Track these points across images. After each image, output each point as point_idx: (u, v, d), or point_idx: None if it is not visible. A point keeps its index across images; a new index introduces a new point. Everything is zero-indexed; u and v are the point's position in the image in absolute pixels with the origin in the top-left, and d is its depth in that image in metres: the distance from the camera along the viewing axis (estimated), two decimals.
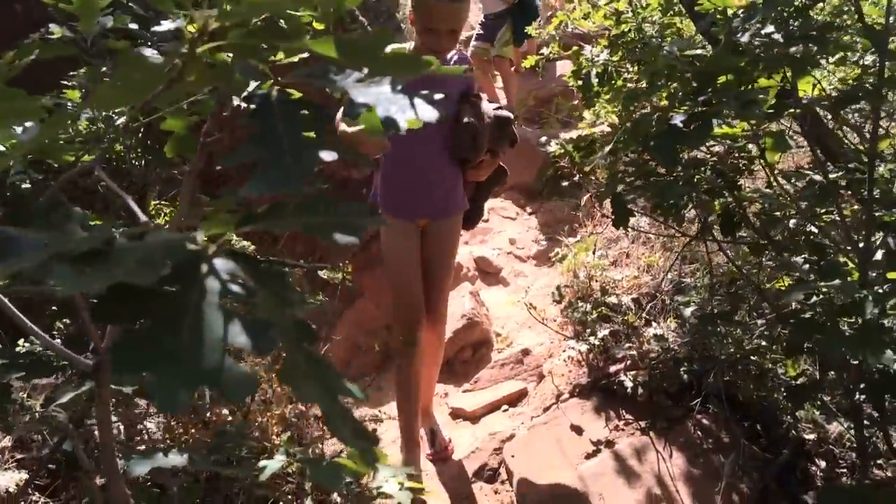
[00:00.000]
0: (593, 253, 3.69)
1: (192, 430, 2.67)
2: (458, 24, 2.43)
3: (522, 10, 6.55)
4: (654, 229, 3.85)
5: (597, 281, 3.65)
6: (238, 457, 1.63)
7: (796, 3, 1.92)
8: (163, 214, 2.54)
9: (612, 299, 3.49)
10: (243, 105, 0.67)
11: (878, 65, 1.68)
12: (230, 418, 2.55)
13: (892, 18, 1.69)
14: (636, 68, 2.46)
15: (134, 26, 1.32)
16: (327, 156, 0.59)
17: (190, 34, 0.51)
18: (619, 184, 2.03)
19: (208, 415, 2.60)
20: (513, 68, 6.76)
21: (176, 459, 1.30)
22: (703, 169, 2.15)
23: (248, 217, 0.51)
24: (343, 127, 2.38)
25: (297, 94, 0.61)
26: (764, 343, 2.90)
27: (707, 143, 2.29)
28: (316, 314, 3.40)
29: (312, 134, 0.60)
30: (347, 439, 0.46)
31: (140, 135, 2.68)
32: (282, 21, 0.69)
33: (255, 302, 0.43)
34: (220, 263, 0.45)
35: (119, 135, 2.47)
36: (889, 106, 1.82)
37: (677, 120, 1.53)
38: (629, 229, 4.04)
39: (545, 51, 5.01)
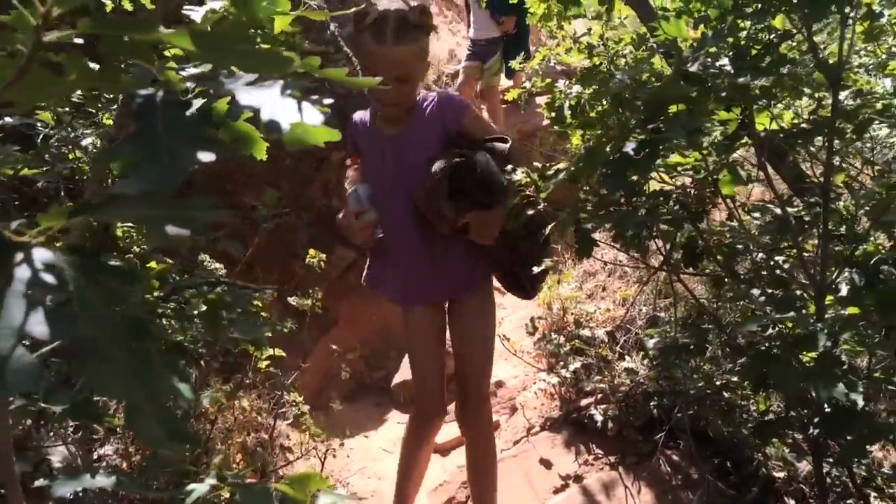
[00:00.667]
0: (557, 283, 3.68)
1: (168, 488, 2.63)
2: (410, 70, 2.05)
3: (516, 41, 6.44)
4: (630, 262, 3.85)
5: (571, 313, 3.64)
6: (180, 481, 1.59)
7: (764, 41, 1.94)
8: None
9: (586, 332, 3.48)
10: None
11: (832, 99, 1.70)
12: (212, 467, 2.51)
13: (845, 53, 1.71)
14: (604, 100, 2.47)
15: (79, 39, 1.31)
16: (205, 156, 0.58)
17: (33, 23, 0.51)
18: (580, 212, 2.02)
19: None
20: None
21: (103, 481, 1.27)
22: (665, 200, 2.15)
23: (82, 207, 0.50)
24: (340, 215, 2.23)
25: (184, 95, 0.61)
26: (735, 378, 2.89)
27: (671, 175, 2.30)
28: (288, 341, 3.36)
29: (194, 135, 0.59)
30: (158, 440, 0.45)
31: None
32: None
33: (71, 293, 0.42)
34: (40, 254, 0.44)
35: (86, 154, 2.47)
36: (843, 141, 1.83)
37: (629, 148, 1.53)
38: (605, 262, 4.05)
39: (527, 84, 5.06)
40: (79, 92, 2.11)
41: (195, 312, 1.99)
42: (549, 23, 3.78)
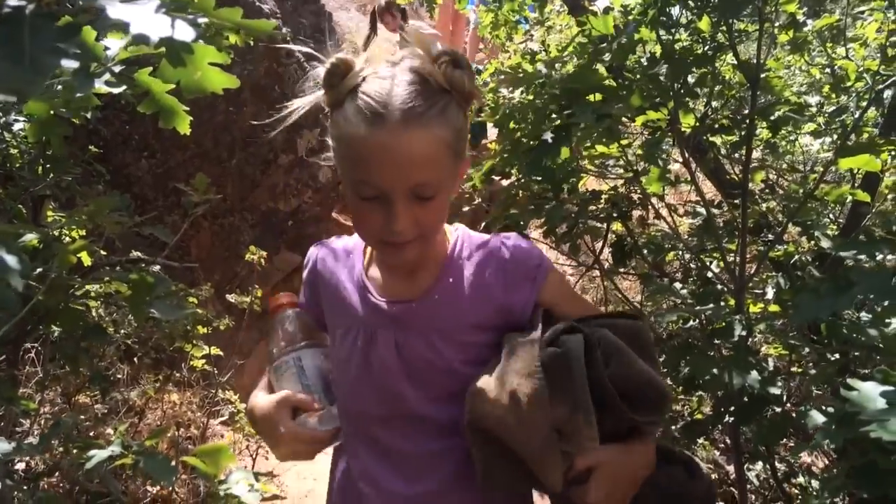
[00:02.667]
0: None
1: (76, 452, 2.57)
2: (434, 176, 1.02)
3: None
4: (571, 263, 3.89)
5: None
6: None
7: (696, 51, 2.00)
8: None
9: None
10: None
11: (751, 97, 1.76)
12: (113, 438, 2.46)
13: (763, 55, 1.78)
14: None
15: None
16: (69, 63, 0.59)
17: None
18: (510, 207, 2.05)
19: (91, 434, 2.50)
20: None
21: (2, 447, 1.24)
22: (597, 199, 2.20)
23: None
24: (260, 399, 1.20)
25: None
26: (668, 382, 2.93)
27: (604, 177, 2.35)
28: (228, 341, 3.32)
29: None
30: None
31: (42, 141, 2.63)
32: None
33: None
34: None
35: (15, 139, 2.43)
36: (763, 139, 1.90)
37: (547, 136, 1.57)
38: None
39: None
40: None
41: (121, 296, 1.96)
42: (497, 32, 3.84)
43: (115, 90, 1.31)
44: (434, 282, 1.16)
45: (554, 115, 1.53)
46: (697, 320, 1.89)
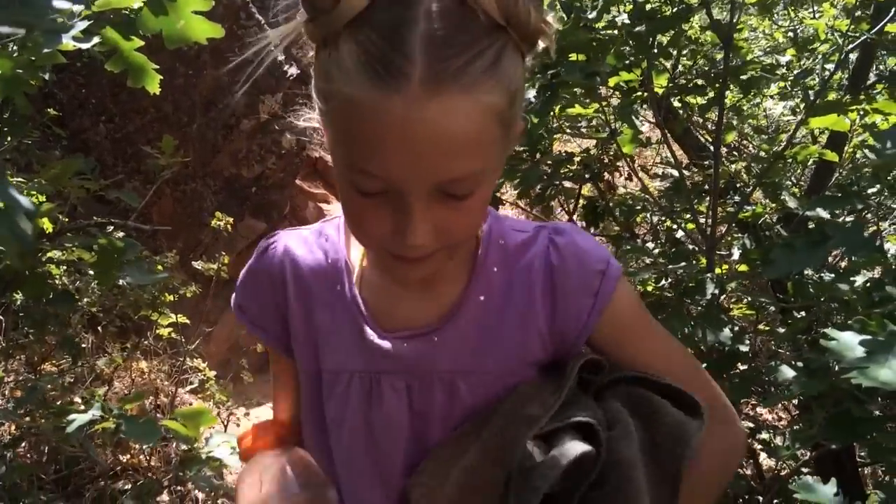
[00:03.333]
0: None
1: (42, 421, 2.53)
2: (475, 163, 0.63)
3: None
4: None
5: None
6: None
7: (666, 12, 2.00)
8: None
9: None
10: None
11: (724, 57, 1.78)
12: (83, 407, 2.42)
13: (736, 15, 1.79)
14: None
15: None
16: (61, 4, 0.57)
17: None
18: None
19: (59, 403, 2.46)
20: None
21: None
22: (570, 161, 2.21)
23: None
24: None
25: None
26: None
27: (577, 139, 2.36)
28: (193, 310, 3.28)
29: None
30: None
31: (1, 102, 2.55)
32: None
33: None
34: None
35: None
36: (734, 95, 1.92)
37: (530, 94, 1.56)
38: None
39: None
40: None
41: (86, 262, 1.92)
42: None
43: (85, 45, 1.27)
44: (458, 301, 0.81)
45: (538, 75, 1.51)
46: (669, 279, 1.92)
